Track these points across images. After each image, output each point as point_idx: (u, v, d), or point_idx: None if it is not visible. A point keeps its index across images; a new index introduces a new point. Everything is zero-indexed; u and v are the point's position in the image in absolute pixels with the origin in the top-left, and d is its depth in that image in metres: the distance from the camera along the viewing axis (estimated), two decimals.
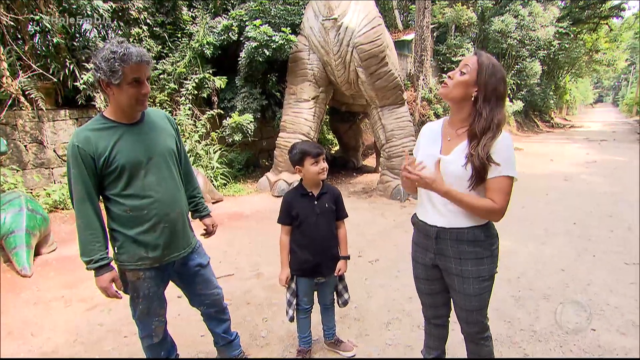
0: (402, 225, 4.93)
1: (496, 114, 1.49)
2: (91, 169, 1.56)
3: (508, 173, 1.48)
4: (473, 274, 1.59)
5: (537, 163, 9.69)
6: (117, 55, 1.48)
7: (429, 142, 1.67)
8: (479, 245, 1.57)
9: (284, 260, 2.12)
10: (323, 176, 2.06)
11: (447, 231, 1.59)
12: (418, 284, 1.83)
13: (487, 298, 1.66)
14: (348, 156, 9.16)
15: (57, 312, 2.90)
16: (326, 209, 2.11)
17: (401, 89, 6.38)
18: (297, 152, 2.03)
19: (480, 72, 1.48)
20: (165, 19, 6.62)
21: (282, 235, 2.13)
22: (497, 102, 1.49)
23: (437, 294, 1.79)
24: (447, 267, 1.64)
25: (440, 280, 1.74)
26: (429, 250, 1.68)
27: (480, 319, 1.69)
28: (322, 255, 2.11)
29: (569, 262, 3.68)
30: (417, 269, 1.80)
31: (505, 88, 1.51)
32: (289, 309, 2.19)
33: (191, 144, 6.13)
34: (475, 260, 1.58)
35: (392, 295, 3.10)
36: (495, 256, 1.62)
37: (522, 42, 17.43)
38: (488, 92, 1.48)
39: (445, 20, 16.46)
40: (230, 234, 4.60)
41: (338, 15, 5.78)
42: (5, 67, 4.52)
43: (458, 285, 1.63)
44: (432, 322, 1.92)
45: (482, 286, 1.61)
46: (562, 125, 24.53)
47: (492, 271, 1.62)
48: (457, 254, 1.59)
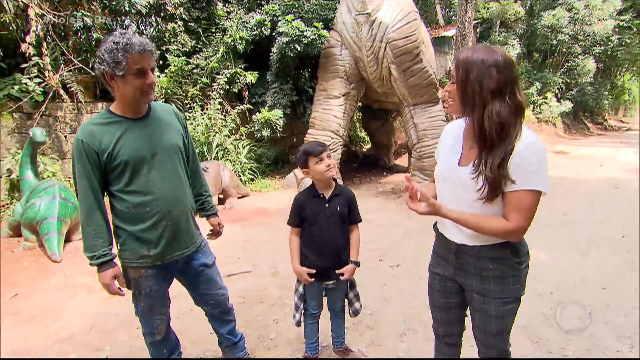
0: (428, 228, 4.68)
1: (493, 111, 1.24)
2: (95, 164, 1.55)
3: (529, 187, 1.25)
4: (496, 294, 1.42)
5: (583, 168, 9.01)
6: (120, 45, 1.45)
7: (449, 148, 1.48)
8: (503, 264, 1.40)
9: (294, 263, 2.02)
10: (330, 173, 1.96)
11: (468, 247, 1.43)
12: (433, 296, 1.67)
13: (510, 322, 1.48)
14: (379, 155, 8.96)
15: (79, 299, 3.01)
16: (337, 212, 2.01)
17: (436, 87, 6.12)
18: (300, 155, 1.97)
19: (457, 75, 1.30)
20: (200, 14, 6.74)
21: (292, 237, 2.05)
22: (486, 99, 1.26)
23: (452, 309, 1.62)
24: (468, 284, 1.49)
25: (457, 294, 1.58)
26: (449, 264, 1.53)
27: (500, 344, 1.51)
28: (331, 260, 2.01)
29: (613, 279, 3.34)
30: (434, 280, 1.64)
31: (497, 76, 1.24)
32: (296, 312, 2.12)
33: (220, 139, 6.21)
34: (500, 279, 1.41)
35: (410, 303, 2.95)
36: (524, 276, 1.44)
37: (574, 38, 16.29)
38: (469, 93, 1.28)
39: (490, 16, 15.71)
40: (252, 230, 4.61)
41: (372, 10, 5.61)
42: (48, 61, 4.76)
43: (478, 305, 1.47)
44: (442, 340, 1.74)
45: (504, 308, 1.43)
46: (616, 128, 22.77)
47: (518, 293, 1.43)
48: (479, 270, 1.43)
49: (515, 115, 1.27)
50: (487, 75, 1.24)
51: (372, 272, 3.46)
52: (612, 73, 22.28)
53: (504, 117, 1.24)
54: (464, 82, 1.28)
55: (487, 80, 1.24)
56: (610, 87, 22.16)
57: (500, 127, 1.25)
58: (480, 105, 1.26)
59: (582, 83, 17.44)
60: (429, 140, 6.08)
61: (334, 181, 2.03)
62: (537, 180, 1.26)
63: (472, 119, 1.31)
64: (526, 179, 1.26)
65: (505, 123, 1.25)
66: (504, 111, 1.24)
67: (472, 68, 1.26)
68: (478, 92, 1.26)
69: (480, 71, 1.25)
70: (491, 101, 1.25)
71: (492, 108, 1.25)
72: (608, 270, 3.52)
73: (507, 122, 1.25)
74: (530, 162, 1.25)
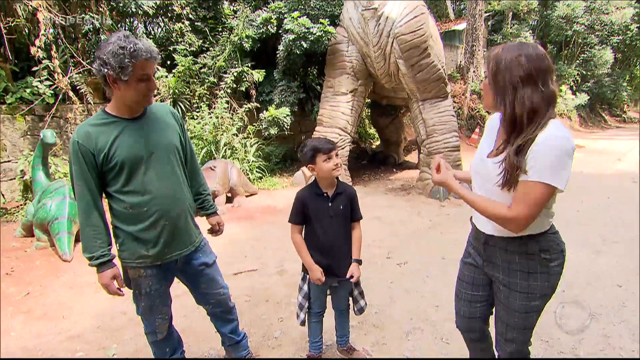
0: (438, 226, 4.66)
1: (525, 96, 1.25)
2: (92, 165, 1.55)
3: (540, 179, 1.23)
4: (522, 289, 1.40)
5: (600, 162, 8.77)
6: (127, 51, 1.44)
7: (486, 138, 1.50)
8: (531, 259, 1.38)
9: (308, 260, 1.95)
10: (337, 172, 1.93)
11: (496, 239, 1.43)
12: (459, 287, 1.67)
13: (533, 320, 1.46)
14: (389, 151, 8.87)
15: (88, 297, 3.05)
16: (340, 211, 1.98)
17: (444, 82, 6.01)
18: (308, 150, 1.91)
19: (488, 69, 1.34)
20: (207, 13, 6.76)
21: (295, 235, 1.99)
22: (517, 86, 1.26)
23: (476, 303, 1.61)
24: (495, 276, 1.49)
25: (485, 288, 1.58)
26: (480, 255, 1.54)
27: (521, 339, 1.50)
28: (334, 258, 1.99)
29: (629, 277, 3.23)
30: (464, 271, 1.64)
31: (527, 65, 1.25)
32: (300, 312, 2.10)
33: (228, 137, 6.22)
34: (526, 274, 1.40)
35: (417, 301, 2.90)
36: (554, 275, 1.40)
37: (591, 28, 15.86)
38: (499, 86, 1.30)
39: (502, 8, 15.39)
40: (260, 228, 4.61)
41: (378, 5, 5.54)
42: (58, 64, 4.84)
43: (504, 297, 1.47)
44: (466, 336, 1.74)
45: (529, 304, 1.41)
46: (636, 120, 22.08)
47: (545, 290, 1.41)
48: (507, 264, 1.43)
49: (547, 104, 1.26)
50: (517, 63, 1.26)
51: (379, 270, 3.43)
52: (631, 63, 21.56)
53: (536, 103, 1.24)
54: (494, 73, 1.31)
55: (517, 68, 1.26)
56: (629, 77, 21.48)
57: (532, 112, 1.25)
58: (512, 91, 1.27)
59: (599, 74, 16.98)
60: (439, 136, 5.98)
61: (335, 178, 2.00)
62: (551, 174, 1.23)
63: (505, 107, 1.31)
64: (539, 171, 1.23)
65: (536, 109, 1.25)
66: (536, 97, 1.24)
67: (502, 59, 1.29)
68: (509, 79, 1.27)
69: (510, 61, 1.27)
70: (522, 88, 1.25)
71: (523, 94, 1.25)
72: (622, 268, 3.41)
73: (538, 108, 1.25)
74: (547, 154, 1.23)
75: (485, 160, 1.41)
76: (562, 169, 1.23)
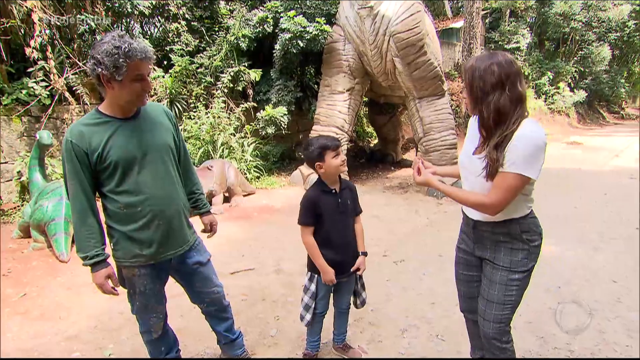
0: (435, 223, 4.66)
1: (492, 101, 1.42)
2: (85, 164, 1.55)
3: (513, 169, 1.40)
4: (504, 264, 1.57)
5: (597, 159, 8.78)
6: (122, 50, 1.44)
7: (470, 139, 1.65)
8: (514, 238, 1.56)
9: (321, 262, 1.95)
10: (344, 168, 1.96)
11: (483, 223, 1.61)
12: (457, 269, 1.85)
13: (513, 295, 1.58)
14: (386, 149, 8.88)
15: (85, 298, 3.05)
16: (348, 206, 2.03)
17: (441, 80, 6.01)
18: (315, 148, 1.92)
19: (465, 80, 1.51)
20: (203, 13, 6.75)
21: (308, 237, 1.95)
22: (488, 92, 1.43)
23: (473, 282, 1.77)
24: (484, 255, 1.65)
25: (478, 268, 1.73)
26: (470, 239, 1.72)
27: (499, 318, 1.60)
28: (345, 253, 2.02)
29: (625, 273, 3.25)
30: (459, 255, 1.83)
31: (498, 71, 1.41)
32: (306, 313, 2.07)
33: (225, 137, 6.22)
34: (509, 250, 1.57)
35: (413, 299, 2.91)
36: (533, 253, 1.57)
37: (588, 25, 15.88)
38: (474, 89, 1.47)
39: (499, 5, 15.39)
40: (257, 228, 4.61)
41: (374, 3, 5.54)
42: (53, 65, 4.83)
43: (488, 272, 1.63)
44: (468, 317, 1.88)
45: (509, 277, 1.56)
46: (634, 117, 22.12)
47: (526, 266, 1.56)
48: (494, 243, 1.61)
49: (514, 105, 1.42)
50: (489, 71, 1.42)
51: (376, 268, 3.43)
52: (628, 60, 21.59)
53: (502, 105, 1.41)
54: (469, 82, 1.48)
55: (488, 76, 1.42)
56: (627, 74, 21.49)
57: (497, 114, 1.42)
58: (484, 98, 1.44)
59: (596, 71, 16.98)
60: (436, 134, 5.99)
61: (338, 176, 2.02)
62: (524, 166, 1.39)
63: (478, 112, 1.49)
64: (514, 163, 1.40)
65: (502, 111, 1.42)
66: (502, 100, 1.41)
67: (476, 69, 1.45)
68: (481, 87, 1.44)
69: (482, 70, 1.44)
70: (491, 93, 1.42)
71: (491, 99, 1.42)
72: (620, 265, 3.42)
73: (504, 110, 1.42)
74: (520, 148, 1.39)
75: (471, 157, 1.58)
76: (535, 161, 1.40)
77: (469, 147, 1.63)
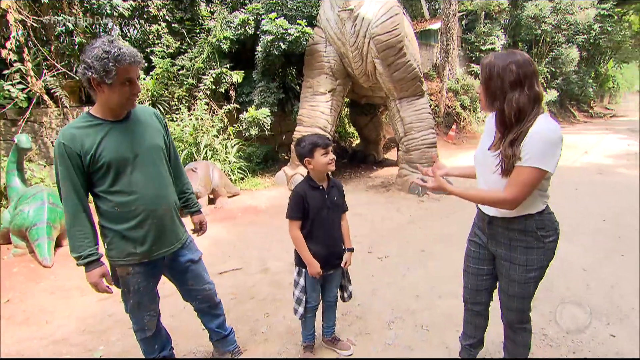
0: (417, 220, 4.80)
1: (513, 99, 1.46)
2: (78, 166, 1.58)
3: (529, 163, 1.44)
4: (521, 262, 1.61)
5: (568, 155, 9.17)
6: (111, 55, 1.49)
7: (486, 136, 1.69)
8: (529, 235, 1.58)
9: (307, 255, 2.02)
10: (333, 167, 2.04)
11: (498, 219, 1.63)
12: (467, 262, 1.88)
13: (532, 289, 1.67)
14: (368, 150, 9.02)
15: (72, 301, 3.03)
16: (336, 202, 2.11)
17: (420, 80, 6.18)
18: (306, 144, 2.00)
19: (482, 76, 1.53)
20: (184, 15, 6.71)
21: (295, 232, 2.03)
22: (507, 90, 1.47)
23: (482, 275, 1.82)
24: (498, 252, 1.69)
25: (488, 262, 1.78)
26: (484, 233, 1.75)
27: (521, 308, 1.72)
28: (332, 248, 2.11)
29: (593, 262, 3.46)
30: (470, 248, 1.86)
31: (516, 71, 1.45)
32: (298, 307, 2.14)
33: (209, 139, 6.21)
34: (525, 249, 1.60)
35: (398, 293, 3.02)
36: (549, 250, 1.61)
37: (557, 27, 16.52)
38: (492, 88, 1.50)
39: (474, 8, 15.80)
40: (242, 228, 4.65)
41: (354, 6, 5.65)
42: (30, 67, 4.73)
43: (505, 271, 1.68)
44: (470, 308, 1.95)
45: (527, 275, 1.62)
46: (602, 115, 23.11)
47: (542, 263, 1.61)
48: (509, 240, 1.63)
49: (532, 103, 1.46)
50: (508, 70, 1.45)
51: (361, 264, 3.53)
52: (595, 61, 22.56)
53: (522, 104, 1.45)
54: (487, 79, 1.50)
55: (507, 74, 1.45)
56: (594, 74, 22.44)
57: (518, 112, 1.46)
58: (502, 95, 1.47)
59: (567, 72, 17.64)
60: (416, 133, 6.15)
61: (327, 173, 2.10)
62: (539, 159, 1.43)
63: (497, 109, 1.52)
64: (528, 157, 1.44)
65: (522, 109, 1.45)
66: (522, 99, 1.45)
67: (494, 66, 1.48)
68: (499, 85, 1.47)
69: (501, 68, 1.46)
70: (511, 91, 1.46)
71: (511, 97, 1.46)
72: (589, 254, 3.63)
73: (524, 108, 1.45)
74: (536, 143, 1.43)
75: (486, 153, 1.62)
76: (551, 154, 1.43)
77: (485, 143, 1.66)
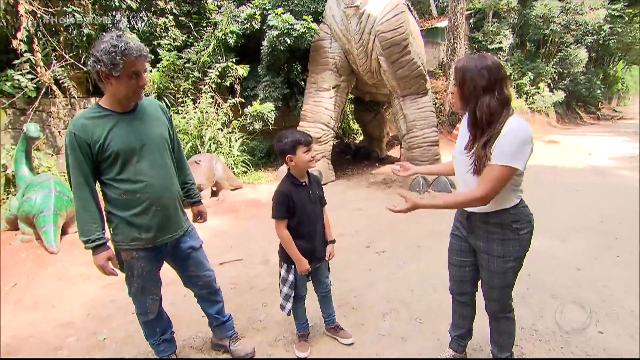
0: (414, 217, 4.84)
1: (484, 104, 1.55)
2: (87, 155, 1.66)
3: (499, 161, 1.53)
4: (498, 253, 1.72)
5: (572, 156, 9.18)
6: (119, 49, 1.56)
7: (462, 136, 1.77)
8: (505, 228, 1.69)
9: (296, 253, 2.06)
10: (313, 165, 2.08)
11: (476, 214, 1.74)
12: (451, 255, 1.99)
13: (511, 279, 1.78)
14: (371, 146, 9.06)
15: (77, 288, 3.13)
16: (317, 197, 2.17)
17: (424, 78, 6.21)
18: (288, 141, 2.01)
19: (456, 79, 1.62)
20: (191, 8, 6.77)
21: (283, 231, 2.05)
22: (478, 96, 1.56)
23: (465, 267, 1.93)
24: (477, 245, 1.80)
25: (470, 254, 1.89)
26: (464, 227, 1.86)
27: (502, 297, 1.83)
28: (317, 242, 2.17)
29: (587, 261, 3.50)
30: (453, 241, 1.96)
31: (487, 76, 1.54)
32: (287, 303, 2.18)
33: (213, 132, 6.29)
34: (502, 241, 1.71)
35: (393, 285, 3.09)
36: (524, 241, 1.71)
37: (566, 28, 16.37)
38: (466, 92, 1.59)
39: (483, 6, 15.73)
40: (244, 221, 4.73)
41: (360, 3, 5.68)
42: (39, 57, 4.82)
43: (485, 263, 1.78)
44: (456, 299, 2.05)
45: (506, 266, 1.73)
46: (609, 117, 22.94)
47: (518, 254, 1.72)
48: (487, 234, 1.74)
49: (502, 107, 1.57)
50: (480, 75, 1.55)
51: (359, 258, 3.60)
52: (604, 62, 22.40)
53: (493, 108, 1.55)
54: (461, 84, 1.60)
55: (479, 80, 1.55)
56: (602, 76, 22.26)
57: (490, 115, 1.56)
58: (474, 100, 1.57)
59: (574, 73, 17.53)
60: (418, 131, 6.19)
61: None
62: (510, 157, 1.52)
63: (469, 111, 1.63)
64: (499, 155, 1.54)
65: (493, 113, 1.56)
66: (492, 103, 1.55)
67: (467, 71, 1.57)
68: (472, 90, 1.57)
69: (474, 74, 1.56)
70: (482, 96, 1.56)
71: (483, 101, 1.56)
72: (584, 253, 3.67)
73: (494, 112, 1.56)
74: (506, 142, 1.53)
75: (462, 153, 1.72)
76: (520, 153, 1.53)
77: (461, 143, 1.75)
